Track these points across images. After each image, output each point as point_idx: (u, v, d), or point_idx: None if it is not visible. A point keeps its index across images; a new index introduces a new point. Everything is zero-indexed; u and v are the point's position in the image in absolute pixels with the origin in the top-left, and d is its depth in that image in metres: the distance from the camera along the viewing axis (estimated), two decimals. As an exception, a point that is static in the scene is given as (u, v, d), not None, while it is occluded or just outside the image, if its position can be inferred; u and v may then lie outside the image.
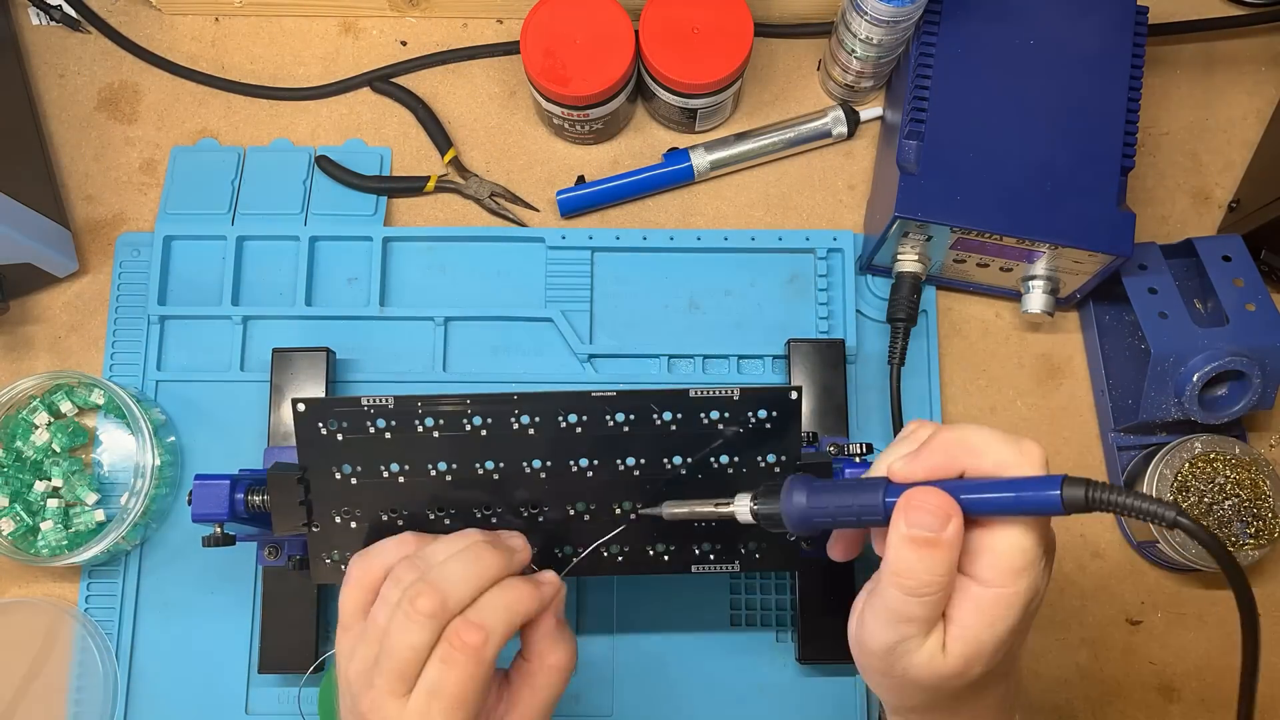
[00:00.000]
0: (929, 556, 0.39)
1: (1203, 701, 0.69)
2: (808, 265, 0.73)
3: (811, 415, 0.67)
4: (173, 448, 0.69)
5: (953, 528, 0.39)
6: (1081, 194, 0.64)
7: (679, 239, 0.72)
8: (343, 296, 0.72)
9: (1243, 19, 0.77)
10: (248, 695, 0.66)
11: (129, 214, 0.74)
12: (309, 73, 0.77)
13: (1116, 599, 0.70)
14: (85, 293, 0.73)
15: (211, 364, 0.71)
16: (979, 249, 0.67)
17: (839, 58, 0.71)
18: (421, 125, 0.76)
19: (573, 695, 0.66)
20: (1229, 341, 0.65)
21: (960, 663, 0.40)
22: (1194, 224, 0.76)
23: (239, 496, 0.56)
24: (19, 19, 0.77)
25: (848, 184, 0.75)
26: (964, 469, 0.40)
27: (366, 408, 0.53)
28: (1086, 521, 0.70)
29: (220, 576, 0.67)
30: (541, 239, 0.72)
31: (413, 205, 0.75)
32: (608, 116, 0.72)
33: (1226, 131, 0.77)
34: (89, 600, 0.67)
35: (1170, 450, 0.66)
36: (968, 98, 0.66)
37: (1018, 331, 0.74)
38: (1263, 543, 0.65)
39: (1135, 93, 0.66)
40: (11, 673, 0.66)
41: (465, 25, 0.78)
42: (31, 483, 0.67)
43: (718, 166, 0.74)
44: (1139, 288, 0.67)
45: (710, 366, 0.71)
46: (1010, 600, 0.39)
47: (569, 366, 0.71)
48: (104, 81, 0.77)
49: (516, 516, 0.55)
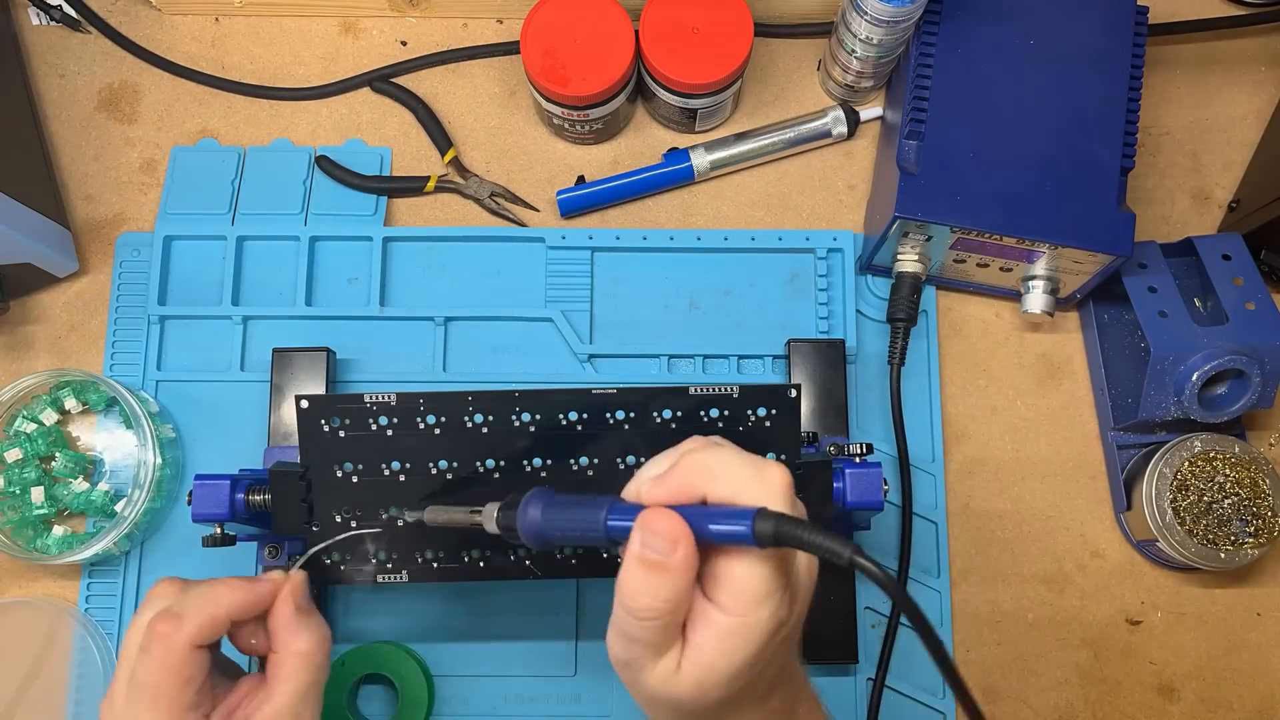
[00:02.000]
0: (656, 580, 0.37)
1: (1203, 701, 0.69)
2: (808, 265, 0.73)
3: (811, 415, 0.67)
4: (173, 447, 0.69)
5: (681, 552, 0.37)
6: (1081, 194, 0.64)
7: (679, 239, 0.72)
8: (343, 296, 0.72)
9: (1243, 19, 0.77)
10: (248, 695, 0.66)
11: (129, 214, 0.74)
12: (309, 73, 0.77)
13: (1116, 599, 0.70)
14: (85, 293, 0.73)
15: (211, 364, 0.71)
16: (979, 249, 0.67)
17: (839, 58, 0.71)
18: (421, 125, 0.76)
19: (572, 695, 0.66)
20: (1229, 340, 0.65)
21: (694, 688, 0.39)
22: (1194, 224, 0.76)
23: (239, 496, 0.56)
24: (19, 19, 0.77)
25: (848, 184, 0.75)
26: (704, 494, 0.39)
27: (369, 404, 0.53)
28: (1086, 521, 0.71)
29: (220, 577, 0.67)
30: (541, 239, 0.73)
31: (413, 205, 0.75)
32: (608, 116, 0.72)
33: (1226, 131, 0.77)
34: (89, 600, 0.67)
35: (1170, 449, 0.66)
36: (968, 98, 0.66)
37: (1018, 331, 0.74)
38: (1262, 542, 0.65)
39: (1135, 93, 0.66)
40: (11, 673, 0.66)
41: (465, 25, 0.78)
42: (33, 481, 0.67)
43: (718, 166, 0.74)
44: (1139, 287, 0.67)
45: (710, 366, 0.71)
46: (748, 629, 0.38)
47: (569, 366, 0.71)
48: (104, 81, 0.77)
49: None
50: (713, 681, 0.39)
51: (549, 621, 0.67)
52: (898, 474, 0.68)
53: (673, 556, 0.37)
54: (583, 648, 0.67)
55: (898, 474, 0.68)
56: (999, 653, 0.69)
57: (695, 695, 0.39)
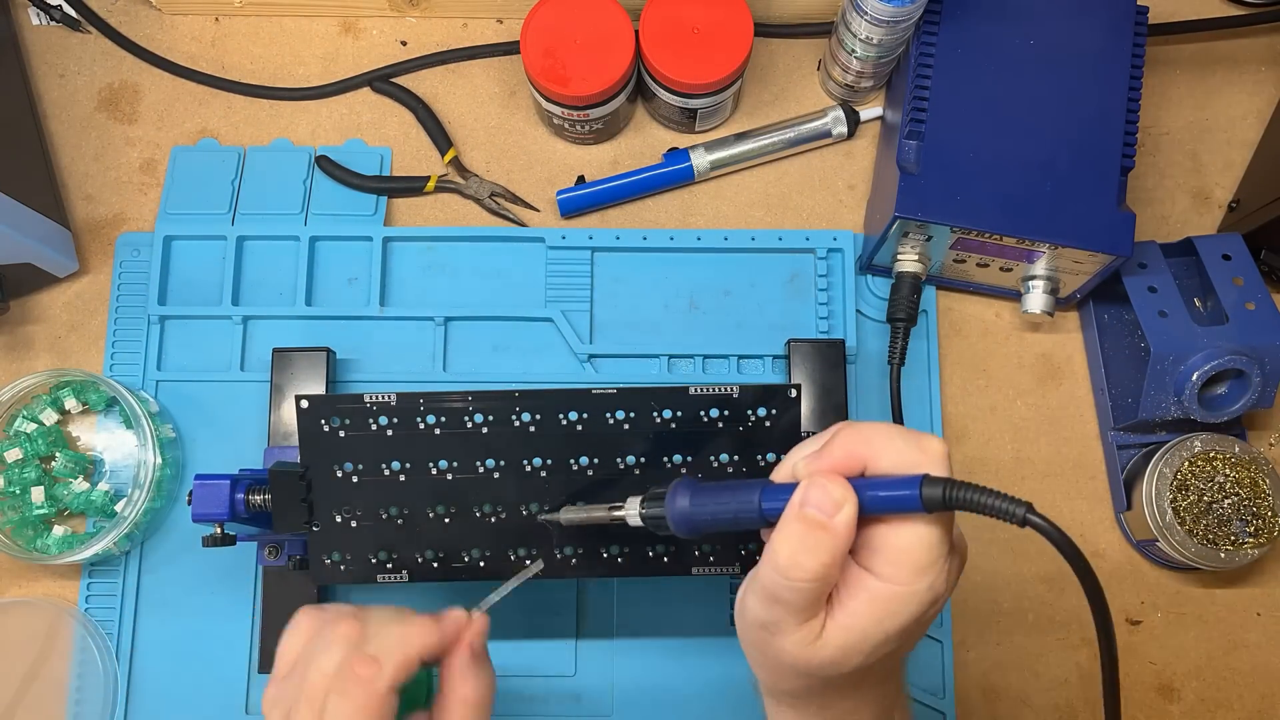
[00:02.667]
0: (815, 539, 0.37)
1: (1203, 701, 0.69)
2: (808, 265, 0.73)
3: (811, 415, 0.67)
4: (173, 447, 0.69)
5: (845, 514, 0.37)
6: (1081, 194, 0.64)
7: (679, 239, 0.72)
8: (343, 296, 0.72)
9: (1243, 19, 0.77)
10: (248, 695, 0.66)
11: (129, 214, 0.74)
12: (309, 73, 0.77)
13: (1116, 599, 0.70)
14: (85, 293, 0.73)
15: (211, 364, 0.71)
16: (979, 249, 0.67)
17: (839, 58, 0.71)
18: (421, 125, 0.76)
19: (572, 695, 0.66)
20: (1229, 340, 0.65)
21: (838, 652, 0.39)
22: (1194, 224, 0.76)
23: (239, 496, 0.56)
24: (19, 19, 0.77)
25: (848, 184, 0.75)
26: (864, 466, 0.39)
27: (369, 404, 0.53)
28: (1086, 521, 0.71)
29: (220, 576, 0.67)
30: (541, 239, 0.73)
31: (413, 205, 0.75)
32: (608, 116, 0.72)
33: (1226, 131, 0.77)
34: (89, 600, 0.67)
35: (1170, 449, 0.66)
36: (968, 98, 0.66)
37: (1018, 331, 0.74)
38: (1262, 541, 0.65)
39: (1135, 93, 0.66)
40: (11, 673, 0.66)
41: (465, 25, 0.78)
42: (33, 481, 0.67)
43: (718, 166, 0.74)
44: (1139, 286, 0.67)
45: (710, 366, 0.71)
46: (905, 599, 0.38)
47: (569, 366, 0.71)
48: (104, 81, 0.77)
49: (516, 515, 0.55)
50: (857, 649, 0.39)
51: (549, 621, 0.67)
52: (898, 474, 0.68)
53: (836, 517, 0.37)
54: (583, 647, 0.67)
55: (898, 474, 0.68)
56: (999, 653, 0.69)
57: (835, 661, 0.39)
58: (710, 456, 0.54)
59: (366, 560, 0.56)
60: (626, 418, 0.54)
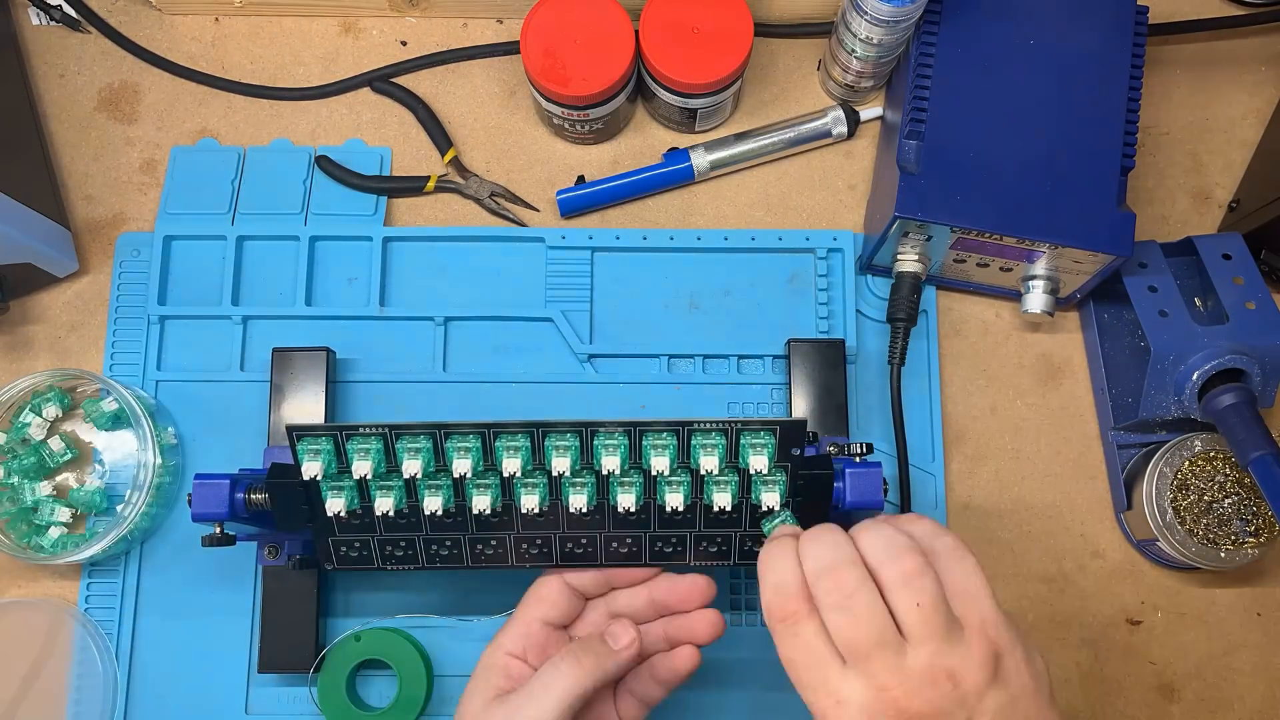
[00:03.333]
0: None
1: (1203, 701, 0.69)
2: (808, 265, 0.73)
3: (812, 415, 0.67)
4: (174, 447, 0.69)
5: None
6: (1081, 194, 0.64)
7: (679, 239, 0.72)
8: (343, 296, 0.72)
9: (1243, 19, 0.77)
10: (248, 695, 0.66)
11: (129, 214, 0.74)
12: (309, 73, 0.77)
13: (1116, 599, 0.70)
14: (85, 293, 0.73)
15: (211, 364, 0.71)
16: (979, 249, 0.67)
17: (839, 58, 0.71)
18: (421, 125, 0.76)
19: (573, 695, 0.66)
20: (1229, 340, 0.65)
21: None
22: (1194, 224, 0.76)
23: (239, 496, 0.55)
24: (19, 19, 0.78)
25: (848, 184, 0.75)
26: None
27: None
28: (1087, 521, 0.71)
29: (220, 576, 0.67)
30: (541, 239, 0.73)
31: (413, 205, 0.75)
32: (608, 116, 0.72)
33: (1226, 131, 0.77)
34: (89, 600, 0.67)
35: (1170, 449, 0.66)
36: (968, 98, 0.66)
37: (1018, 331, 0.74)
38: (1262, 541, 0.65)
39: (1135, 92, 0.66)
40: (11, 673, 0.66)
41: (465, 25, 0.78)
42: (33, 480, 0.67)
43: (718, 166, 0.74)
44: (1139, 286, 0.67)
45: (710, 366, 0.71)
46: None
47: (569, 366, 0.71)
48: (104, 81, 0.77)
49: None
50: None
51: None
52: (897, 474, 0.68)
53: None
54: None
55: (897, 474, 0.68)
56: (999, 653, 0.69)
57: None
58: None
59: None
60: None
